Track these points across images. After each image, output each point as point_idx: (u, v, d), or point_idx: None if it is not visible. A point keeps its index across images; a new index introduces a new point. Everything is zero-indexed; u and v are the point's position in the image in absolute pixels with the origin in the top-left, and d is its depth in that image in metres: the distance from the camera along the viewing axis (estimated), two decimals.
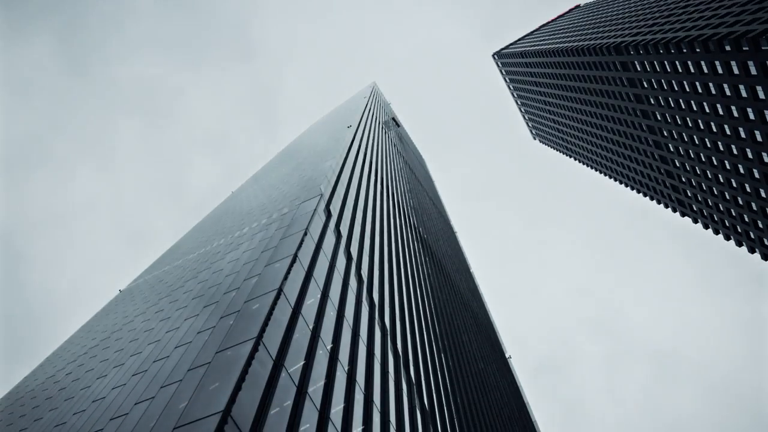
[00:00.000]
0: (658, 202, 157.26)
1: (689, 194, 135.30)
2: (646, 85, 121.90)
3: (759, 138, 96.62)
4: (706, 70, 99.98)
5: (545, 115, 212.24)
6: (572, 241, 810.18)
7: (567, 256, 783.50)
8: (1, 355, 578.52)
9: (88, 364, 48.28)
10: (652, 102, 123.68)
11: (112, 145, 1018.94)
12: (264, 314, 28.14)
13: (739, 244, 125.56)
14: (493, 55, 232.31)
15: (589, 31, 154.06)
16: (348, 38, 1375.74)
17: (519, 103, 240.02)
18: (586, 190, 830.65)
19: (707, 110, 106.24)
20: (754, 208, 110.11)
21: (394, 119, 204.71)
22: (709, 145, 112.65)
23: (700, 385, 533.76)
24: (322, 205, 51.12)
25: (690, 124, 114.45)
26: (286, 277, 32.77)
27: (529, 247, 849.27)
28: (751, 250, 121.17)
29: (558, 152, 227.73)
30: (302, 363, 28.22)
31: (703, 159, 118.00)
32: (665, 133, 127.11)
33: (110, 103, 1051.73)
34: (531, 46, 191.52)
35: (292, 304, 31.40)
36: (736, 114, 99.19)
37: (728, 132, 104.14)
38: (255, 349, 24.92)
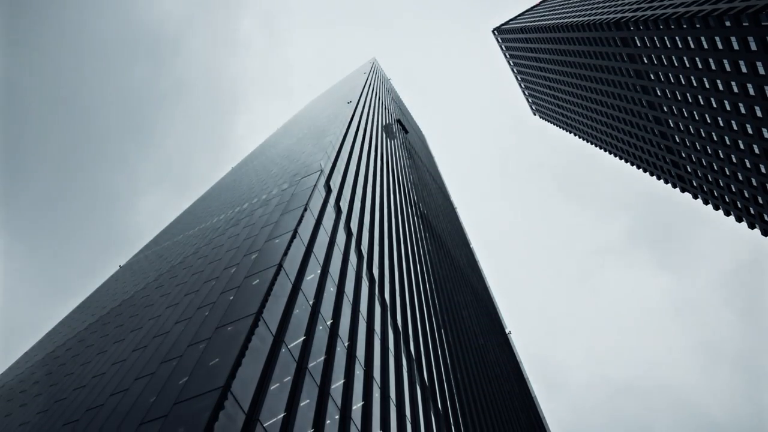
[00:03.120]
0: (658, 178, 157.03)
1: (689, 170, 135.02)
2: (646, 61, 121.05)
3: (759, 113, 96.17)
4: (706, 46, 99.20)
5: (545, 90, 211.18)
6: (571, 218, 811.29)
7: (566, 231, 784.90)
8: (1, 333, 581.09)
9: (88, 339, 48.37)
10: (652, 77, 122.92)
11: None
12: (264, 290, 28.08)
13: (739, 219, 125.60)
14: (493, 31, 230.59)
15: (590, 6, 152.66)
16: (347, 14, 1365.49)
17: (519, 78, 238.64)
18: (585, 165, 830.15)
19: (707, 86, 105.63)
20: (754, 183, 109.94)
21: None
22: (709, 121, 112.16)
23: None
24: (322, 181, 50.92)
25: (690, 100, 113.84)
26: (286, 253, 32.68)
27: (528, 224, 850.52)
28: (751, 226, 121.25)
29: (558, 128, 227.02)
30: (302, 339, 28.22)
31: (703, 134, 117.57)
32: (665, 109, 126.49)
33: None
34: (531, 21, 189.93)
35: (292, 280, 31.34)
36: (736, 89, 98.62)
37: (728, 108, 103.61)
38: (255, 325, 24.88)
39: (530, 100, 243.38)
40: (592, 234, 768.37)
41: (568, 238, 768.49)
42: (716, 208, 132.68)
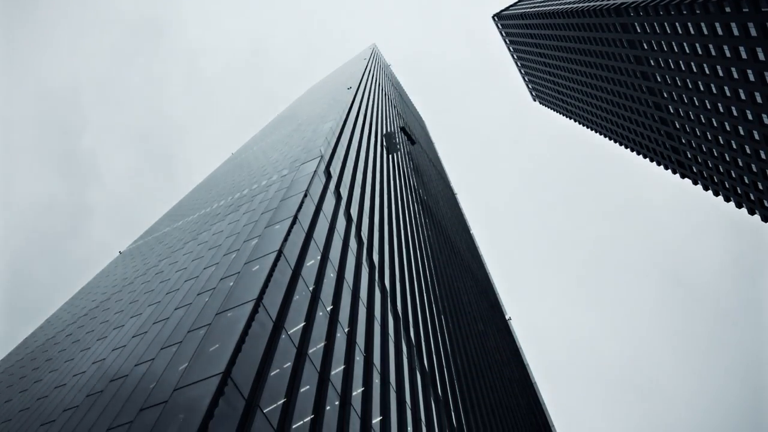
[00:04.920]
0: (658, 164, 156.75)
1: (689, 156, 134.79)
2: (646, 47, 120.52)
3: (759, 99, 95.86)
4: (706, 32, 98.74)
5: (545, 76, 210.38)
6: (571, 204, 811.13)
7: (566, 218, 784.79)
8: (1, 317, 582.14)
9: (88, 325, 48.42)
10: (653, 64, 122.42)
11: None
12: (264, 276, 28.01)
13: (738, 205, 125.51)
14: (493, 17, 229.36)
15: None
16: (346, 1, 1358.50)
17: (519, 64, 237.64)
18: (585, 151, 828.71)
19: (707, 72, 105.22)
20: (754, 169, 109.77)
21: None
22: (709, 107, 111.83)
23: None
24: (322, 167, 50.75)
25: (690, 86, 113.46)
26: (286, 239, 32.59)
27: (529, 210, 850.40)
28: (751, 212, 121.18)
29: (558, 114, 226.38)
30: (302, 325, 28.19)
31: (703, 121, 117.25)
32: (665, 95, 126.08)
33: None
34: (531, 7, 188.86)
35: (292, 266, 31.27)
36: (735, 75, 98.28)
37: (728, 94, 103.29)
38: (255, 311, 24.83)
39: (530, 86, 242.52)
40: (594, 217, 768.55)
41: (570, 220, 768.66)
42: (716, 194, 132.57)
